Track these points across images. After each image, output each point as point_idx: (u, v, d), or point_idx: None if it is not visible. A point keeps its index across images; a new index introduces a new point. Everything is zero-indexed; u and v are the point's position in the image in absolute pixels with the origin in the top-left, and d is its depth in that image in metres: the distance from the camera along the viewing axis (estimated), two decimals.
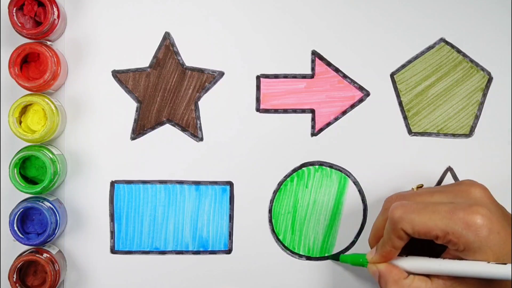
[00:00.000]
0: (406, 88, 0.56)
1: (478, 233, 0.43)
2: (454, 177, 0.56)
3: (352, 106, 0.56)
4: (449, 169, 0.56)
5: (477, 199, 0.46)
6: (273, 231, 0.55)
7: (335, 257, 0.55)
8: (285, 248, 0.55)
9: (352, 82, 0.56)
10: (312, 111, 0.55)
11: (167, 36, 0.55)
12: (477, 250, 0.43)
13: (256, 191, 0.55)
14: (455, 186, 0.49)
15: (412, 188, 0.52)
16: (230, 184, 0.55)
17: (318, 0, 0.55)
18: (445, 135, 0.56)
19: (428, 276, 0.46)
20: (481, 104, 0.56)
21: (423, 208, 0.45)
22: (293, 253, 0.55)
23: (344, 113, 0.56)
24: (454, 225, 0.43)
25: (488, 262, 0.43)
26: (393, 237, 0.46)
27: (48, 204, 0.51)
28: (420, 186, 0.52)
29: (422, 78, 0.56)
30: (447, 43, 0.56)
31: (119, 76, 0.55)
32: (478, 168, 0.56)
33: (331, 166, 0.55)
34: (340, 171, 0.55)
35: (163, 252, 0.55)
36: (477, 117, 0.56)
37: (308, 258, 0.56)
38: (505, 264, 0.42)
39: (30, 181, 0.52)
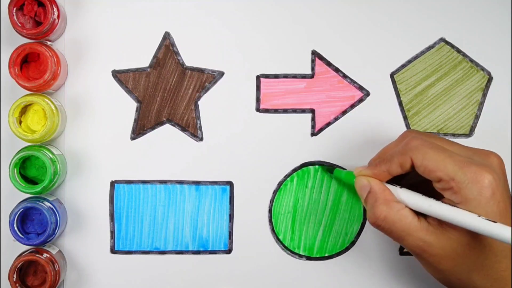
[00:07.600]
0: (406, 88, 0.56)
1: (482, 192, 0.43)
2: None
3: (352, 106, 0.56)
4: None
5: (492, 165, 0.45)
6: (273, 231, 0.55)
7: (329, 170, 0.55)
8: (285, 248, 0.55)
9: (352, 82, 0.56)
10: (312, 111, 0.55)
11: (167, 36, 0.55)
12: (472, 208, 0.43)
13: (256, 191, 0.55)
14: (476, 148, 0.48)
15: None
16: (230, 184, 0.55)
17: (318, 0, 0.55)
18: (445, 135, 0.56)
19: (416, 214, 0.46)
20: (481, 104, 0.56)
21: (441, 149, 0.45)
22: (293, 253, 0.55)
23: (344, 113, 0.56)
24: (463, 175, 0.43)
25: (479, 216, 0.42)
26: (396, 161, 0.46)
27: (48, 204, 0.51)
28: None
29: (422, 78, 0.56)
30: (447, 43, 0.56)
31: (119, 76, 0.55)
32: None
33: (331, 166, 0.55)
34: None
35: (163, 252, 0.55)
36: (477, 117, 0.56)
37: (308, 258, 0.56)
38: (495, 222, 0.41)
39: (30, 181, 0.52)
